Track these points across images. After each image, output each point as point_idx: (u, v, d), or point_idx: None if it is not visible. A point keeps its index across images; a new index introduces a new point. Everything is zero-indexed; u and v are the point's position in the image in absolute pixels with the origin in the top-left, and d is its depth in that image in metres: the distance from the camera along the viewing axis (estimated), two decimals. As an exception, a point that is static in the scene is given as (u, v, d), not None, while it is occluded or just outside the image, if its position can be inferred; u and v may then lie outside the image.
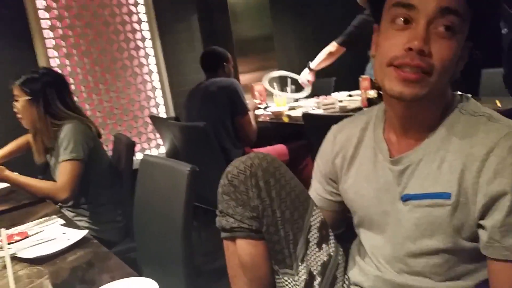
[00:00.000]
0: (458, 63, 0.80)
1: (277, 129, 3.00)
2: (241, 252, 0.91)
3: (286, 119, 2.80)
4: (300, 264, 0.91)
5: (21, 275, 0.71)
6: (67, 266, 1.08)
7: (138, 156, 3.35)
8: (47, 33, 3.21)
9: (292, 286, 0.91)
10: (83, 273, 1.05)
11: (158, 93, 3.78)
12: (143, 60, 3.69)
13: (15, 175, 1.76)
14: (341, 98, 2.96)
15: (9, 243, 1.21)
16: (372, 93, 2.49)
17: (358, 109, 2.49)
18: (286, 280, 0.91)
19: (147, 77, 3.72)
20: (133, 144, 2.06)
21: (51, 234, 1.27)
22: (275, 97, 3.29)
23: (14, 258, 1.10)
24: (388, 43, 0.79)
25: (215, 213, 0.95)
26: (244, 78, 3.78)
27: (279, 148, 2.74)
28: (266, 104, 3.32)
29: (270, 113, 2.98)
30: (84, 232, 1.24)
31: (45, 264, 1.08)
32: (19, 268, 1.05)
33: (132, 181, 1.65)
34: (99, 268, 1.05)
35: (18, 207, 1.67)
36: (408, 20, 0.76)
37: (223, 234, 0.94)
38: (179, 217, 1.32)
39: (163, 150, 3.74)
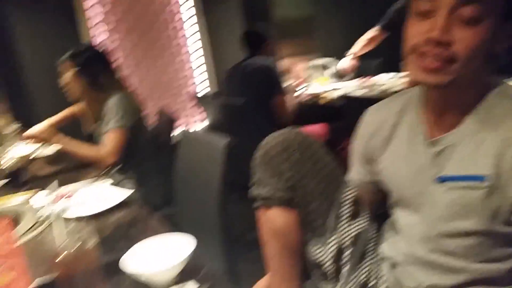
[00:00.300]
0: (494, 47, 0.78)
1: (317, 110, 2.99)
2: (274, 221, 0.94)
3: (325, 100, 2.78)
4: (330, 236, 0.93)
5: (69, 230, 0.77)
6: (112, 223, 1.16)
7: (179, 130, 3.45)
8: (93, 10, 3.32)
9: (321, 256, 0.94)
10: (127, 230, 1.12)
11: (201, 70, 3.84)
12: (187, 38, 3.75)
13: (66, 139, 1.87)
14: (385, 81, 2.90)
15: (59, 201, 1.30)
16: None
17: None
18: (316, 250, 0.94)
19: (190, 55, 3.79)
20: (174, 119, 2.13)
21: (99, 193, 1.35)
22: (315, 78, 3.26)
23: (63, 215, 1.18)
24: (411, 30, 0.79)
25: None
26: (284, 60, 3.75)
27: (318, 128, 2.73)
28: (306, 84, 3.30)
29: (310, 94, 2.96)
30: (130, 192, 1.30)
31: (92, 220, 1.15)
32: (68, 223, 1.12)
33: (173, 154, 1.72)
34: (142, 226, 1.12)
35: (69, 169, 1.77)
36: (430, 9, 0.75)
37: (256, 203, 0.97)
38: (216, 187, 1.36)
39: (203, 125, 3.82)
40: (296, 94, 2.90)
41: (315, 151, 0.94)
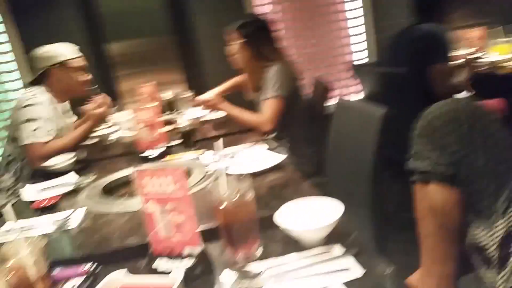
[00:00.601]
0: None
1: (494, 81, 2.62)
2: (433, 197, 0.88)
3: (505, 70, 2.41)
4: (498, 219, 0.83)
5: (231, 184, 0.85)
6: (266, 183, 1.25)
7: (335, 100, 3.42)
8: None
9: (485, 240, 0.84)
10: (280, 190, 1.19)
11: (360, 38, 3.70)
12: (347, 5, 3.63)
13: (231, 106, 2.05)
14: None
15: (223, 159, 1.44)
16: None
17: None
18: (480, 233, 0.85)
19: (350, 22, 3.67)
20: (330, 89, 2.12)
21: (257, 156, 1.46)
22: (494, 46, 2.84)
23: (226, 171, 1.30)
24: None
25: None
26: (458, 28, 3.33)
27: (494, 102, 2.40)
28: (483, 53, 2.90)
29: (487, 63, 2.61)
30: (284, 157, 1.38)
31: (250, 178, 1.24)
32: (230, 179, 1.24)
33: (326, 124, 1.72)
34: (293, 189, 1.18)
35: (234, 133, 1.95)
36: None
37: (415, 177, 0.91)
38: (370, 160, 1.32)
39: (358, 96, 3.71)
40: (469, 63, 2.58)
41: (487, 125, 0.83)
